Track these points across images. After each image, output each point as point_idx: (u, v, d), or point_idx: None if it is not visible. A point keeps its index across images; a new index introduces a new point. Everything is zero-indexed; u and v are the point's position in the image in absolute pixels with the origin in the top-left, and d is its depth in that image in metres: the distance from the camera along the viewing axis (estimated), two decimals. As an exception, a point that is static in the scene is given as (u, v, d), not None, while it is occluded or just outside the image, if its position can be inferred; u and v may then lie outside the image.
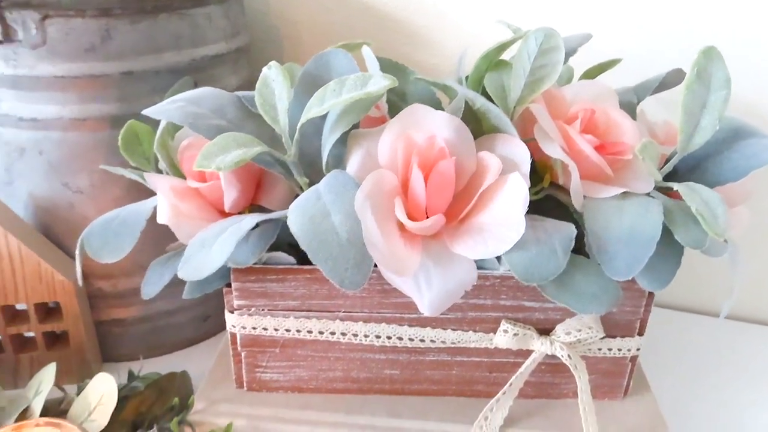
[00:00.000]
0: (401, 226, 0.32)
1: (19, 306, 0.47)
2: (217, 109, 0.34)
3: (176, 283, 0.48)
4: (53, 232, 0.46)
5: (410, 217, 0.31)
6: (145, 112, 0.33)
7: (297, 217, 0.30)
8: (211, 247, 0.30)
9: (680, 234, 0.31)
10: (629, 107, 0.40)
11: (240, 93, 0.36)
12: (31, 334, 0.47)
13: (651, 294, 0.39)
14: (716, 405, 0.49)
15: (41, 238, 0.46)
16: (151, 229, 0.40)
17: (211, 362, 0.45)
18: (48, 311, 0.47)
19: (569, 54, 0.38)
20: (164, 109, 0.33)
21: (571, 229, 0.32)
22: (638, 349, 0.41)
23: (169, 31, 0.42)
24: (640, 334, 0.41)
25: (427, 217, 0.30)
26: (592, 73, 0.42)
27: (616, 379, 0.43)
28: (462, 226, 0.32)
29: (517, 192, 0.30)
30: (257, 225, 0.35)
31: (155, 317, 0.51)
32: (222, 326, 0.49)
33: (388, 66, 0.39)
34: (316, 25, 0.56)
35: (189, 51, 0.44)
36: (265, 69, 0.33)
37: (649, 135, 0.38)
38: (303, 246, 0.29)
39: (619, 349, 0.41)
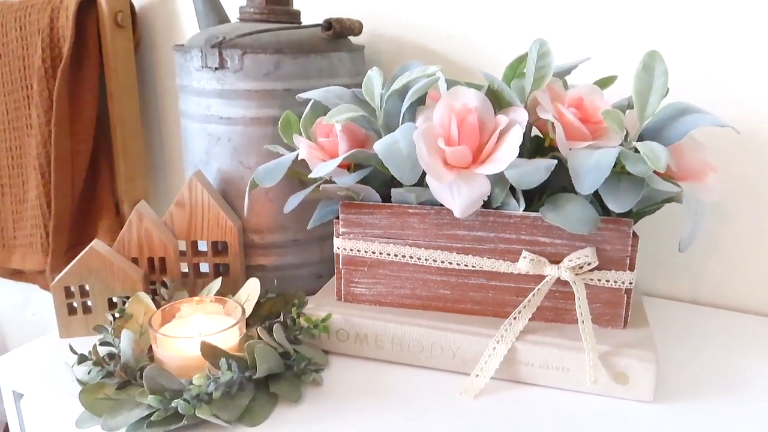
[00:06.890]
0: (444, 161, 0.50)
1: (201, 247, 0.69)
2: (339, 96, 0.56)
3: (301, 242, 0.69)
4: (228, 194, 0.69)
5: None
6: (300, 95, 0.56)
7: (380, 145, 0.50)
8: (327, 165, 0.51)
9: (630, 166, 0.47)
10: (621, 108, 0.57)
11: (353, 89, 0.58)
12: (205, 266, 0.69)
13: (636, 236, 0.53)
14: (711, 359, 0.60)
15: (221, 198, 0.69)
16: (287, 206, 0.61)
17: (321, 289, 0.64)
18: (216, 252, 0.70)
19: (571, 68, 0.56)
20: (311, 94, 0.55)
21: (552, 161, 0.48)
22: (631, 283, 0.54)
23: (315, 66, 0.66)
24: (631, 269, 0.54)
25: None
26: (596, 88, 0.60)
27: (615, 309, 0.55)
28: (482, 163, 0.50)
29: (516, 135, 0.48)
30: (356, 169, 0.55)
31: (285, 267, 0.71)
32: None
33: (450, 81, 0.59)
34: (414, 76, 0.78)
35: (326, 80, 0.67)
36: (369, 71, 0.55)
37: (630, 123, 0.54)
38: (381, 157, 0.48)
39: (615, 281, 0.54)
